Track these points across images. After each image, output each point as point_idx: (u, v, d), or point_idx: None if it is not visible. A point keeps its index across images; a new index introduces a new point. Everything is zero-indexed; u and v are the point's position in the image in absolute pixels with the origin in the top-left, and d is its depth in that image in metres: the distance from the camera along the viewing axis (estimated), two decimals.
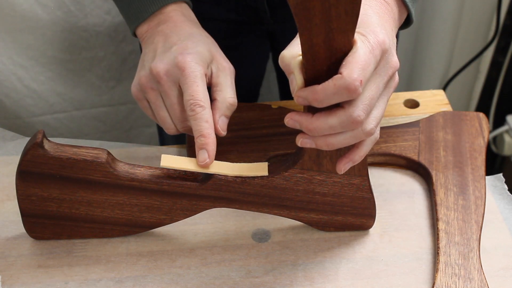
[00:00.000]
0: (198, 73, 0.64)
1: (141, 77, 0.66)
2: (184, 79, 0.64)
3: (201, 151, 0.61)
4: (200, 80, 0.64)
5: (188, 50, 0.65)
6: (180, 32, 0.68)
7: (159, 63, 0.65)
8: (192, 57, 0.65)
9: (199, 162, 0.61)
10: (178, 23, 0.69)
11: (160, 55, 0.66)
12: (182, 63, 0.64)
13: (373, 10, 0.57)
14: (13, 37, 1.04)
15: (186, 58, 0.64)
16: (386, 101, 0.56)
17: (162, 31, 0.68)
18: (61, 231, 0.66)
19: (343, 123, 0.53)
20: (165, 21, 0.69)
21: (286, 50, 0.54)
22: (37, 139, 0.59)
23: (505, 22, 1.39)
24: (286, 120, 0.55)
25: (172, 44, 0.66)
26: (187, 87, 0.63)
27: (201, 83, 0.64)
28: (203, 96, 0.63)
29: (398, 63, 0.56)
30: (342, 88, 0.50)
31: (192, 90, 0.63)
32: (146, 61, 0.67)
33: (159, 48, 0.67)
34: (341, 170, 0.59)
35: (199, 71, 0.64)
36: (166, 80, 0.65)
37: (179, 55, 0.64)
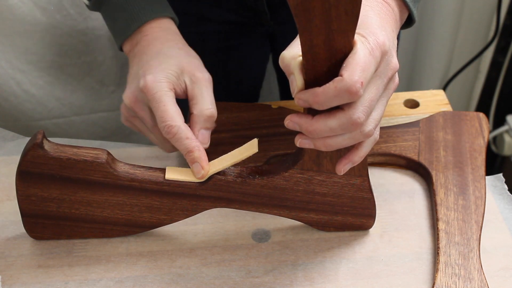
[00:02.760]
0: (162, 92, 0.63)
1: (122, 108, 0.68)
2: (151, 101, 0.64)
3: (194, 164, 0.62)
4: (166, 98, 0.63)
5: (151, 70, 0.65)
6: (148, 52, 0.68)
7: (128, 92, 0.66)
8: (154, 77, 0.64)
9: (196, 175, 0.62)
10: (150, 42, 0.69)
11: (130, 83, 0.67)
12: (144, 86, 0.64)
13: (374, 11, 0.57)
14: (12, 41, 1.04)
15: (147, 79, 0.64)
16: (386, 102, 0.56)
17: (138, 53, 0.69)
18: (61, 231, 0.66)
19: (343, 125, 0.53)
20: (141, 40, 0.69)
21: (286, 50, 0.54)
22: (37, 139, 0.59)
23: (505, 22, 1.39)
24: (286, 122, 0.55)
25: (138, 69, 0.66)
26: (155, 110, 0.63)
27: (168, 101, 0.63)
28: (172, 115, 0.63)
29: (398, 65, 0.56)
30: (343, 91, 0.50)
31: (160, 112, 0.63)
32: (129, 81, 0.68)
33: (132, 74, 0.67)
34: (340, 171, 0.59)
35: (163, 89, 0.64)
36: (138, 107, 0.65)
37: (141, 78, 0.64)
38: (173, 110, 0.63)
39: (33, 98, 1.10)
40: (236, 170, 0.63)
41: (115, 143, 0.79)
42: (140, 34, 0.70)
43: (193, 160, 0.62)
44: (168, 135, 0.62)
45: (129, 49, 0.71)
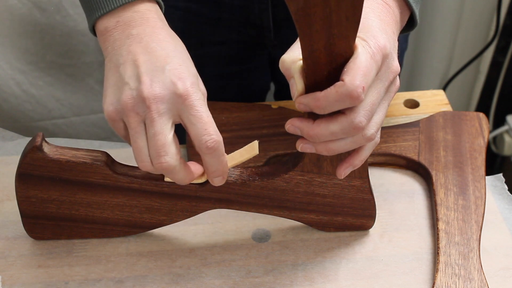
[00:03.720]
0: (202, 101, 0.56)
1: (124, 98, 0.55)
2: (190, 109, 0.55)
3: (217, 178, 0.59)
4: (206, 109, 0.56)
5: (185, 72, 0.56)
6: (164, 43, 0.58)
7: (152, 87, 0.55)
8: (192, 82, 0.56)
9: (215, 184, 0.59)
10: (157, 30, 0.59)
11: (149, 76, 0.55)
12: (183, 90, 0.55)
13: (374, 13, 0.56)
14: (12, 42, 1.04)
15: (187, 83, 0.55)
16: (387, 106, 0.56)
17: (139, 37, 0.58)
18: (61, 232, 0.66)
19: (344, 129, 0.53)
20: (140, 23, 0.59)
21: (287, 54, 0.54)
22: (36, 142, 0.59)
23: (505, 22, 1.39)
24: (287, 126, 0.55)
25: (163, 62, 0.56)
26: (196, 120, 0.55)
27: (208, 113, 0.56)
28: (215, 128, 0.56)
29: (399, 68, 0.55)
30: (345, 95, 0.50)
31: (203, 123, 0.55)
32: (128, 78, 0.56)
33: (143, 63, 0.56)
34: (341, 175, 0.58)
35: (202, 98, 0.56)
36: (159, 107, 0.55)
37: (177, 80, 0.55)
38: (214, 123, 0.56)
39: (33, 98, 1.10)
40: (236, 172, 0.63)
41: (115, 144, 0.79)
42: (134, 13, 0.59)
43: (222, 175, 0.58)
44: (209, 149, 0.56)
45: (114, 25, 0.59)
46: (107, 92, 0.57)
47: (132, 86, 0.55)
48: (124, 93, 0.56)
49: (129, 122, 0.56)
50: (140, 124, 0.56)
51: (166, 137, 0.55)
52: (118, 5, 0.59)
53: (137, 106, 0.55)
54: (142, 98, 0.55)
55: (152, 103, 0.54)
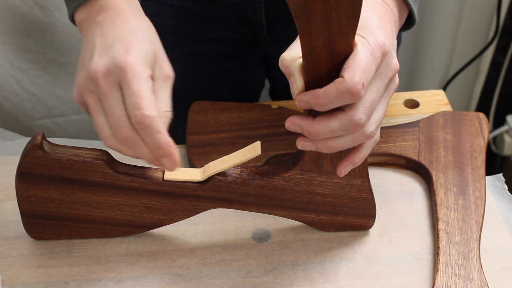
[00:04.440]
0: (143, 76, 0.55)
1: (79, 79, 0.57)
2: (127, 83, 0.55)
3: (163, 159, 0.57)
4: (145, 84, 0.55)
5: (133, 48, 0.56)
6: (122, 25, 0.59)
7: (97, 62, 0.55)
8: (136, 57, 0.56)
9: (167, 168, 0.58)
10: (121, 13, 0.60)
11: (98, 53, 0.56)
12: (124, 63, 0.55)
13: (373, 11, 0.56)
14: (12, 40, 1.04)
15: (129, 58, 0.55)
16: (387, 103, 0.56)
17: (102, 22, 0.59)
18: (61, 232, 0.66)
19: (344, 126, 0.53)
20: (106, 8, 0.60)
21: (286, 52, 0.54)
22: (36, 140, 0.59)
23: (505, 22, 1.39)
24: (287, 124, 0.55)
25: (114, 41, 0.57)
26: (130, 93, 0.55)
27: (147, 88, 0.55)
28: (149, 103, 0.55)
29: (398, 65, 0.56)
30: (344, 92, 0.50)
31: (136, 98, 0.54)
32: (86, 60, 0.57)
33: (98, 44, 0.57)
34: (341, 172, 0.59)
35: (145, 73, 0.56)
36: (106, 81, 0.55)
37: (122, 54, 0.55)
38: (151, 100, 0.56)
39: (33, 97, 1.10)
40: (236, 171, 0.63)
41: None
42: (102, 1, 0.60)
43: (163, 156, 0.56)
44: (139, 124, 0.54)
45: (87, 16, 0.61)
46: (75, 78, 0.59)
47: (86, 67, 0.57)
48: (80, 75, 0.57)
49: (88, 102, 0.57)
50: (96, 102, 0.57)
51: (120, 109, 0.55)
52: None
53: (89, 84, 0.56)
54: (91, 75, 0.55)
55: (98, 79, 0.55)
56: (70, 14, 0.62)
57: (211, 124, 0.78)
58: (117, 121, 0.55)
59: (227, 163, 0.61)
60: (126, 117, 0.55)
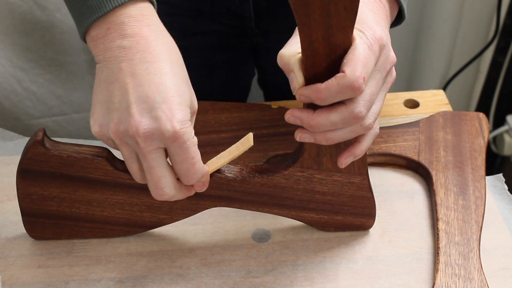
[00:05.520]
0: (191, 141, 0.54)
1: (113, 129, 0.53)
2: (177, 150, 0.53)
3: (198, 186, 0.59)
4: (194, 147, 0.55)
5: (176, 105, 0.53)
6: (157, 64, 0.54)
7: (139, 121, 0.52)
8: (182, 122, 0.53)
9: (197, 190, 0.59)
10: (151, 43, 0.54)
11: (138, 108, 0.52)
12: (173, 133, 0.52)
13: (368, 7, 0.57)
14: (12, 39, 1.04)
15: (176, 123, 0.52)
16: (384, 96, 0.57)
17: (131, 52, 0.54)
18: (61, 231, 0.66)
19: (344, 119, 0.53)
20: (132, 32, 0.54)
21: (285, 48, 0.55)
22: (37, 136, 0.59)
23: (505, 22, 1.39)
24: (287, 116, 0.55)
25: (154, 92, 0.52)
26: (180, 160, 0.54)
27: (196, 151, 0.55)
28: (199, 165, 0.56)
29: (395, 58, 0.57)
30: (346, 87, 0.51)
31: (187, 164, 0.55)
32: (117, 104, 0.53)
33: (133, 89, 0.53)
34: (342, 164, 0.59)
35: (192, 135, 0.54)
36: (148, 145, 0.53)
37: (168, 120, 0.52)
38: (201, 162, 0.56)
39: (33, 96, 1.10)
40: (236, 169, 0.63)
41: None
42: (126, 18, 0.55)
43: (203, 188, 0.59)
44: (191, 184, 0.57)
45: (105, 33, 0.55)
46: (95, 108, 0.55)
47: (121, 116, 0.53)
48: (113, 122, 0.54)
49: (121, 150, 0.55)
50: (131, 152, 0.55)
51: (161, 170, 0.55)
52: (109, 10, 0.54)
53: (126, 139, 0.54)
54: (130, 134, 0.53)
55: (140, 141, 0.53)
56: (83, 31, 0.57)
57: (211, 124, 0.78)
58: (156, 181, 0.55)
59: (224, 159, 0.61)
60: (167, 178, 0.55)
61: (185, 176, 0.56)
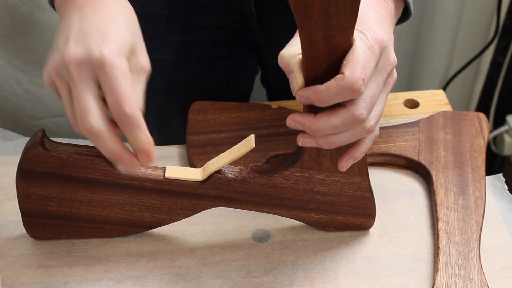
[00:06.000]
0: (121, 69, 0.53)
1: (51, 61, 0.55)
2: (106, 77, 0.53)
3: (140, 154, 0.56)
4: (125, 79, 0.54)
5: (111, 37, 0.54)
6: (102, 11, 0.56)
7: (72, 50, 0.53)
8: (114, 48, 0.54)
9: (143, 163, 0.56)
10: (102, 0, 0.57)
11: (74, 39, 0.54)
12: (100, 56, 0.52)
13: (370, 7, 0.57)
14: (12, 41, 1.04)
15: (105, 50, 0.53)
16: (385, 98, 0.57)
17: (82, 6, 0.57)
18: (61, 231, 0.66)
19: (345, 122, 0.53)
20: None
21: (285, 49, 0.55)
22: (37, 137, 0.59)
23: (505, 22, 1.39)
24: (288, 121, 0.55)
25: (91, 28, 0.55)
26: (109, 89, 0.53)
27: (126, 82, 0.54)
28: (129, 100, 0.54)
29: (396, 60, 0.56)
30: (345, 88, 0.51)
31: (115, 95, 0.53)
32: (60, 44, 0.55)
33: (75, 28, 0.55)
34: (342, 167, 0.59)
35: (123, 66, 0.54)
36: (78, 71, 0.53)
37: (98, 44, 0.53)
38: (132, 95, 0.54)
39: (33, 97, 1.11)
40: (236, 169, 0.63)
41: None
42: None
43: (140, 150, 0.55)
44: (120, 119, 0.54)
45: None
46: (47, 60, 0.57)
47: (60, 52, 0.55)
48: (53, 58, 0.55)
49: (60, 88, 0.55)
50: (67, 88, 0.55)
51: (87, 99, 0.54)
52: None
53: (61, 70, 0.54)
54: (63, 61, 0.54)
55: (71, 66, 0.53)
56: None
57: (211, 124, 0.78)
58: (81, 108, 0.54)
59: (224, 160, 0.61)
60: (93, 107, 0.54)
61: (115, 110, 0.53)
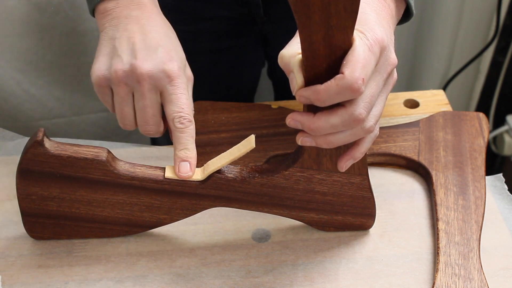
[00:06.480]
0: (185, 85, 0.64)
1: (116, 68, 0.62)
2: (173, 89, 0.63)
3: (183, 163, 0.62)
4: (187, 92, 0.64)
5: (175, 56, 0.64)
6: (158, 28, 0.65)
7: (145, 64, 0.62)
8: (180, 66, 0.64)
9: (180, 173, 0.61)
10: (153, 15, 0.66)
11: (143, 53, 0.63)
12: (171, 71, 0.62)
13: (371, 7, 0.57)
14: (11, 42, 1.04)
15: (175, 66, 0.63)
16: (385, 98, 0.57)
17: (137, 18, 0.65)
18: (61, 231, 0.66)
19: (345, 122, 0.53)
20: (138, 6, 0.66)
21: (285, 49, 0.55)
22: (37, 137, 0.59)
23: (505, 22, 1.39)
24: (288, 120, 0.55)
25: (156, 44, 0.63)
26: (176, 99, 0.63)
27: (189, 96, 0.64)
28: (191, 110, 0.63)
29: (396, 60, 0.56)
30: (345, 88, 0.51)
31: (181, 103, 0.63)
32: (121, 51, 0.63)
33: (138, 41, 0.63)
34: (342, 167, 0.59)
35: (186, 82, 0.64)
36: (149, 83, 0.62)
37: (167, 61, 0.63)
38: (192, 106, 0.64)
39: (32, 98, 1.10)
40: (236, 169, 0.63)
41: (115, 143, 0.79)
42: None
43: (185, 159, 0.62)
44: (180, 125, 0.62)
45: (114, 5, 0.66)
46: (98, 59, 0.64)
47: (125, 60, 0.62)
48: (116, 64, 0.62)
49: (118, 91, 0.63)
50: (128, 94, 0.63)
51: (154, 110, 0.63)
52: None
53: (128, 78, 0.62)
54: (134, 73, 0.61)
55: (143, 79, 0.62)
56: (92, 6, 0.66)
57: (211, 124, 0.78)
58: (147, 119, 0.64)
59: (224, 160, 0.61)
60: (156, 117, 0.64)
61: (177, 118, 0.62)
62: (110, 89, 0.64)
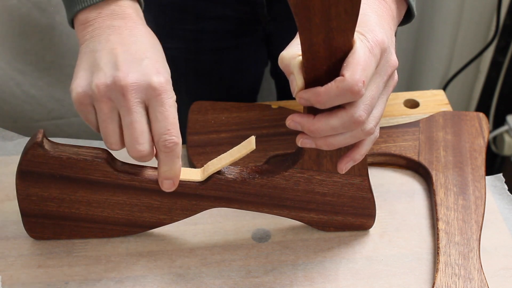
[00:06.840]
0: (172, 100, 0.58)
1: (98, 83, 0.56)
2: (160, 106, 0.57)
3: (167, 181, 0.60)
4: (175, 110, 0.58)
5: (161, 69, 0.58)
6: (143, 38, 0.60)
7: (129, 76, 0.56)
8: (167, 79, 0.58)
9: (164, 189, 0.60)
10: (137, 26, 0.61)
11: (126, 65, 0.57)
12: (158, 85, 0.56)
13: (371, 9, 0.57)
14: (11, 42, 1.04)
15: (161, 79, 0.57)
16: (386, 100, 0.56)
17: (120, 29, 0.59)
18: (61, 231, 0.66)
19: (344, 124, 0.53)
20: (121, 16, 0.60)
21: (285, 51, 0.55)
22: (37, 138, 0.59)
23: (505, 22, 1.39)
24: (288, 122, 0.55)
25: (141, 56, 0.58)
26: (162, 118, 0.57)
27: (176, 114, 0.58)
28: (177, 130, 0.58)
29: (397, 62, 0.56)
30: (345, 90, 0.51)
31: (168, 123, 0.57)
32: (103, 64, 0.57)
33: (121, 53, 0.57)
34: (342, 169, 0.59)
35: (173, 98, 0.58)
36: (133, 96, 0.56)
37: (154, 74, 0.57)
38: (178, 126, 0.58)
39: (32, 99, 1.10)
40: (236, 170, 0.63)
41: None
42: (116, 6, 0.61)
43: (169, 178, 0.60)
44: (166, 148, 0.57)
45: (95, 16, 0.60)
46: (78, 75, 0.58)
47: (108, 73, 0.56)
48: (98, 78, 0.56)
49: (101, 108, 0.57)
50: (112, 110, 0.57)
51: (143, 126, 0.57)
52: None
53: (111, 92, 0.56)
54: (117, 86, 0.56)
55: (127, 92, 0.56)
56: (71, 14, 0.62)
57: (211, 124, 0.78)
58: (136, 137, 0.57)
59: (224, 161, 0.61)
60: (147, 134, 0.57)
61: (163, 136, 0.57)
62: (93, 107, 0.58)
